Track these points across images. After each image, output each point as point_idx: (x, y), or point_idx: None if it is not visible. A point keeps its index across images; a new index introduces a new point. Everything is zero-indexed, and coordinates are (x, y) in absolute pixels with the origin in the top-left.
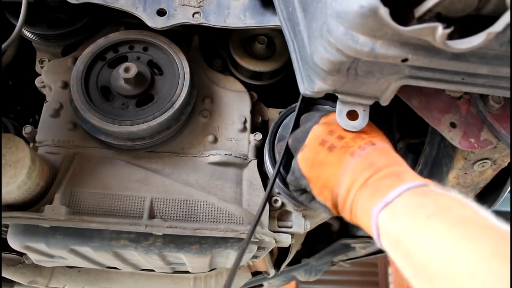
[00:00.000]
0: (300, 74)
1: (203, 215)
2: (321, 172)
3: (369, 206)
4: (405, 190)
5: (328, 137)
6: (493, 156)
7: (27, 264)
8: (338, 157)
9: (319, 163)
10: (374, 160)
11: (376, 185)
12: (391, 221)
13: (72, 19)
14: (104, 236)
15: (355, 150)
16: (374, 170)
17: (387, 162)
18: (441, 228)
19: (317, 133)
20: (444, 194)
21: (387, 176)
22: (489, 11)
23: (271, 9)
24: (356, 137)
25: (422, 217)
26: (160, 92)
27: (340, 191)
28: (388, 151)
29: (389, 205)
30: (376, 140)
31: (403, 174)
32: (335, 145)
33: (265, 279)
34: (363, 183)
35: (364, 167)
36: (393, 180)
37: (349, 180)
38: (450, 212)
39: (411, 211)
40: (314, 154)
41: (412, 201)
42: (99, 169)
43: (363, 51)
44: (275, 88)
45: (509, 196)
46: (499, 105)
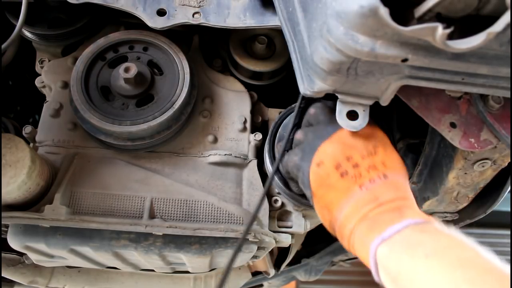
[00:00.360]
0: (300, 74)
1: (203, 215)
2: (327, 194)
3: (367, 240)
4: (405, 227)
5: (344, 163)
6: (493, 156)
7: (27, 264)
8: (347, 185)
9: (328, 185)
10: (379, 194)
11: (376, 219)
12: (390, 258)
13: (72, 19)
14: (104, 236)
15: (364, 182)
16: (377, 204)
17: (393, 196)
18: (440, 269)
19: (334, 154)
20: (444, 233)
21: (389, 211)
22: (489, 11)
23: (271, 9)
24: (371, 167)
25: (421, 256)
26: (160, 92)
27: (340, 216)
28: (398, 185)
29: (387, 240)
30: (390, 172)
31: (405, 210)
32: (348, 172)
33: (265, 279)
34: (363, 216)
35: (368, 200)
36: (393, 215)
37: (350, 209)
38: (450, 252)
39: (410, 249)
40: (327, 175)
41: (411, 238)
42: (99, 169)
43: (363, 51)
44: (275, 88)
45: (509, 196)
46: (499, 105)
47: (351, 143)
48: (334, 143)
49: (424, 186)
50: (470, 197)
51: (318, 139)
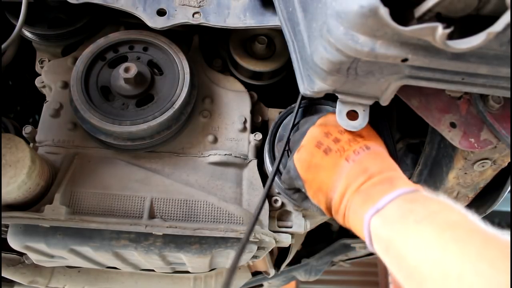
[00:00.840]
0: (300, 74)
1: (203, 215)
2: (317, 175)
3: (361, 212)
4: (396, 197)
5: (324, 139)
6: (493, 156)
7: (27, 264)
8: (334, 161)
9: (315, 165)
10: (368, 166)
11: (368, 191)
12: (383, 227)
13: (72, 19)
14: (104, 236)
15: (350, 155)
16: (368, 176)
17: (381, 167)
18: (430, 232)
19: (313, 134)
20: (433, 199)
21: (380, 183)
22: (489, 11)
23: (271, 9)
24: (351, 140)
25: (412, 222)
26: (160, 92)
27: (334, 195)
28: (382, 155)
29: (380, 211)
30: (371, 144)
31: (395, 180)
32: (331, 148)
33: (265, 279)
34: (356, 189)
35: (358, 173)
36: (385, 187)
37: (343, 186)
38: (439, 216)
39: (402, 217)
40: (310, 156)
41: (402, 207)
42: (99, 169)
43: (363, 51)
44: (275, 88)
45: (509, 196)
46: (499, 105)
47: (327, 122)
48: (315, 128)
49: (424, 186)
50: (470, 197)
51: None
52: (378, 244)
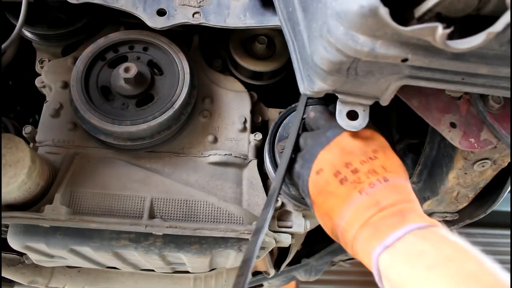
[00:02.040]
0: (300, 74)
1: (203, 215)
2: (326, 201)
3: (369, 248)
4: (407, 233)
5: (343, 169)
6: (493, 156)
7: (27, 264)
8: (347, 191)
9: (328, 192)
10: (380, 198)
11: (377, 225)
12: (392, 268)
13: (72, 19)
14: (104, 236)
15: (365, 187)
16: (378, 208)
17: (394, 200)
18: (441, 284)
19: (333, 161)
20: (446, 240)
21: (390, 216)
22: (489, 11)
23: (271, 9)
24: (370, 171)
25: (423, 268)
26: (160, 92)
27: (341, 223)
28: (400, 188)
29: (389, 248)
30: (391, 176)
31: (407, 213)
32: (347, 178)
33: (265, 279)
34: (365, 222)
35: (368, 205)
36: (395, 221)
37: (351, 216)
38: (452, 264)
39: (412, 259)
40: (326, 183)
41: (413, 247)
42: (99, 169)
43: (363, 51)
44: (275, 88)
45: (509, 196)
46: (499, 105)
47: (350, 149)
48: (333, 150)
49: (424, 186)
50: (470, 197)
51: (317, 146)
52: (387, 284)
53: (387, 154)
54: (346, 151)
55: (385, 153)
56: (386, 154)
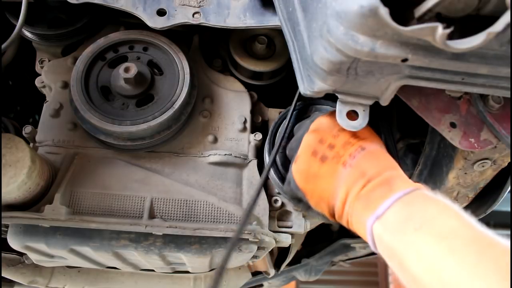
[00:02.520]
0: (300, 74)
1: (203, 215)
2: (316, 185)
3: (363, 219)
4: (395, 201)
5: (319, 147)
6: (493, 156)
7: (27, 264)
8: (331, 168)
9: (313, 175)
10: (365, 169)
11: (368, 196)
12: (384, 234)
13: (72, 19)
14: (104, 236)
15: (346, 160)
16: (366, 180)
17: (378, 168)
18: (428, 242)
19: (308, 142)
20: (431, 201)
21: (378, 186)
22: (489, 11)
23: (271, 9)
24: (346, 143)
25: (411, 230)
26: (160, 92)
27: (336, 202)
28: (378, 154)
29: (380, 218)
30: (366, 144)
31: (393, 182)
32: (327, 155)
33: (265, 279)
34: (356, 195)
35: (356, 178)
36: (383, 190)
37: (343, 192)
38: (436, 223)
39: (401, 224)
40: (307, 166)
41: (401, 213)
42: (99, 169)
43: (363, 51)
44: (275, 88)
45: (509, 196)
46: (499, 105)
47: (320, 127)
48: (309, 135)
49: None
50: (470, 197)
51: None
52: (382, 250)
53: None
54: (318, 130)
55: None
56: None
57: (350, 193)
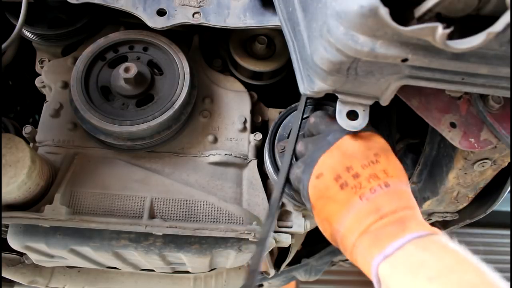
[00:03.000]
0: (300, 74)
1: (203, 215)
2: (326, 206)
3: (368, 256)
4: (407, 242)
5: (344, 174)
6: (493, 156)
7: (27, 264)
8: (347, 196)
9: (328, 197)
10: (381, 205)
11: (378, 233)
12: (392, 278)
13: (72, 19)
14: (104, 236)
15: (365, 193)
16: (379, 216)
17: (395, 207)
18: None
19: (334, 165)
20: (448, 250)
21: (391, 224)
22: (489, 11)
23: (271, 9)
24: (371, 176)
25: (424, 279)
26: (160, 92)
27: (340, 229)
28: (401, 194)
29: (389, 257)
30: (393, 181)
31: (408, 222)
32: (348, 183)
33: (265, 279)
34: (365, 229)
35: (369, 211)
36: (396, 229)
37: (351, 222)
38: (453, 276)
39: (412, 270)
40: (326, 188)
41: (413, 257)
42: (99, 169)
43: (363, 51)
44: (275, 88)
45: (509, 196)
46: (499, 105)
47: (351, 153)
48: (334, 154)
49: (424, 186)
50: (470, 197)
51: (318, 150)
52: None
53: (389, 158)
54: (347, 154)
55: (387, 156)
56: (388, 158)
57: (359, 224)
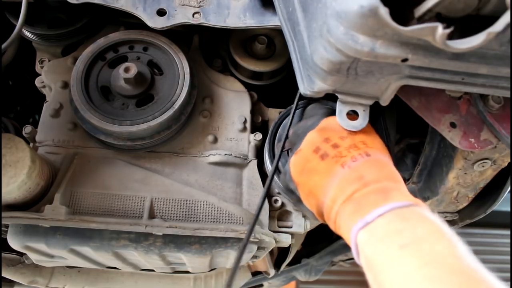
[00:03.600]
0: (300, 74)
1: (203, 215)
2: (309, 178)
3: (350, 223)
4: (388, 211)
5: (322, 145)
6: (493, 156)
7: (27, 264)
8: (328, 166)
9: (309, 169)
10: (364, 173)
11: (360, 200)
12: (368, 244)
13: (72, 19)
14: (104, 236)
15: (347, 161)
16: (362, 184)
17: (378, 176)
18: (410, 263)
19: (312, 139)
20: (425, 220)
21: (374, 192)
22: (489, 11)
23: (271, 9)
24: (351, 146)
25: (396, 246)
26: (160, 92)
27: (326, 200)
28: (382, 163)
29: (369, 225)
30: (373, 151)
31: (390, 192)
32: (328, 153)
33: (265, 279)
34: (348, 197)
35: (352, 179)
36: (378, 197)
37: (334, 191)
38: (424, 245)
39: (388, 237)
40: (306, 160)
41: (391, 225)
42: (99, 169)
43: (363, 51)
44: (275, 88)
45: (509, 196)
46: (499, 105)
47: (330, 127)
48: (315, 130)
49: (424, 186)
50: (470, 197)
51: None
52: (362, 259)
53: (367, 131)
54: (326, 129)
55: (365, 131)
56: (366, 132)
57: (342, 193)
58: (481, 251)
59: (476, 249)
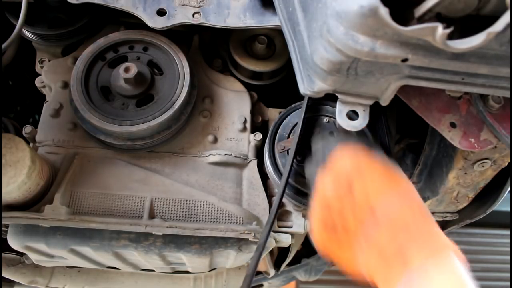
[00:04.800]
0: (300, 74)
1: (203, 215)
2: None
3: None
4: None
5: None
6: (493, 156)
7: (27, 264)
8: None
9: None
10: (377, 241)
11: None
12: None
13: (72, 19)
14: (104, 236)
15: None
16: (383, 259)
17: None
18: None
19: (325, 195)
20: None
21: (393, 262)
22: (489, 11)
23: (271, 9)
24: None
25: None
26: (160, 92)
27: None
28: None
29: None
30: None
31: (407, 253)
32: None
33: (265, 279)
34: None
35: (371, 256)
36: (397, 268)
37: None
38: None
39: None
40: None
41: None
42: (99, 169)
43: (363, 51)
44: (275, 88)
45: (509, 196)
46: (499, 105)
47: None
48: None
49: (424, 186)
50: (470, 197)
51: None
52: None
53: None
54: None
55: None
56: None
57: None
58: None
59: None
